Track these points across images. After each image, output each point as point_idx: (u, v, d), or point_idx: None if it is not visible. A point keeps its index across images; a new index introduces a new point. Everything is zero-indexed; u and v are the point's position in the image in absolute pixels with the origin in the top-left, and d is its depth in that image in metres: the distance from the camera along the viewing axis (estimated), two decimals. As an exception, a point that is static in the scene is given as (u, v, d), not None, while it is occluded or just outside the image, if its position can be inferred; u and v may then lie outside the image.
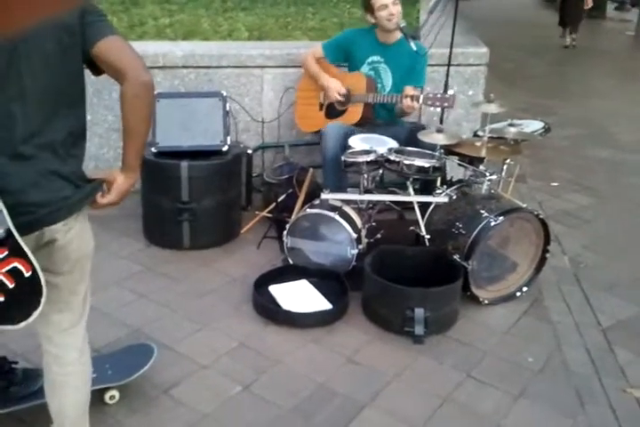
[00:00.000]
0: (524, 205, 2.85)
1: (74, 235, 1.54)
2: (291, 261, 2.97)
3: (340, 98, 3.33)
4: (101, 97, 3.68)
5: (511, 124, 3.08)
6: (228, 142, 3.24)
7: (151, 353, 2.20)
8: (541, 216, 2.77)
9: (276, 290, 2.77)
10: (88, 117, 1.59)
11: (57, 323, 1.65)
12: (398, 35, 3.31)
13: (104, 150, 3.83)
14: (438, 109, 2.95)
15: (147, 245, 3.22)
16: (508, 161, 2.98)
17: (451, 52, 3.62)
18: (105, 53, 1.49)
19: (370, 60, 3.36)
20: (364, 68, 3.37)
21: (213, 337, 2.50)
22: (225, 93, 3.35)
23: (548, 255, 2.83)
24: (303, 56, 3.53)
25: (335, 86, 3.32)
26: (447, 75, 3.64)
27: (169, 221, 3.15)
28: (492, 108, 2.91)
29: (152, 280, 2.90)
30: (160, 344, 2.42)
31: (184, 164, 3.08)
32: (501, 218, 2.66)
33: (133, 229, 3.31)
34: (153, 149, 3.15)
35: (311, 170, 3.43)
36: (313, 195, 3.16)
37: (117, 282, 2.87)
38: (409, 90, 3.14)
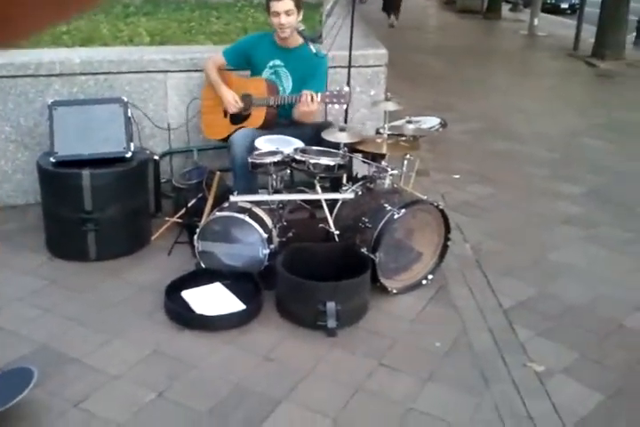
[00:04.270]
0: (425, 198, 2.97)
1: None
2: (203, 266, 2.95)
3: (235, 109, 3.34)
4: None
5: (409, 122, 3.21)
6: (132, 149, 3.19)
7: (30, 378, 2.06)
8: (441, 207, 2.91)
9: (189, 295, 2.75)
10: None
11: None
12: (299, 39, 3.37)
13: (1, 162, 3.66)
14: (337, 106, 3.02)
15: (50, 259, 3.10)
16: (407, 156, 3.11)
17: (350, 54, 3.72)
18: None
19: (271, 64, 3.39)
20: (266, 72, 3.40)
21: (125, 347, 2.46)
22: (126, 99, 3.29)
23: (449, 243, 2.97)
24: (204, 63, 3.51)
25: (229, 98, 3.33)
26: (349, 76, 3.74)
27: (73, 233, 3.05)
28: (390, 106, 3.03)
29: (57, 294, 2.80)
30: (68, 358, 2.36)
31: (85, 172, 3.00)
32: (404, 210, 2.77)
33: (36, 243, 3.17)
34: (52, 159, 3.05)
35: (218, 173, 3.43)
36: (224, 198, 3.16)
37: (20, 298, 2.75)
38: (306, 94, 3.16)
